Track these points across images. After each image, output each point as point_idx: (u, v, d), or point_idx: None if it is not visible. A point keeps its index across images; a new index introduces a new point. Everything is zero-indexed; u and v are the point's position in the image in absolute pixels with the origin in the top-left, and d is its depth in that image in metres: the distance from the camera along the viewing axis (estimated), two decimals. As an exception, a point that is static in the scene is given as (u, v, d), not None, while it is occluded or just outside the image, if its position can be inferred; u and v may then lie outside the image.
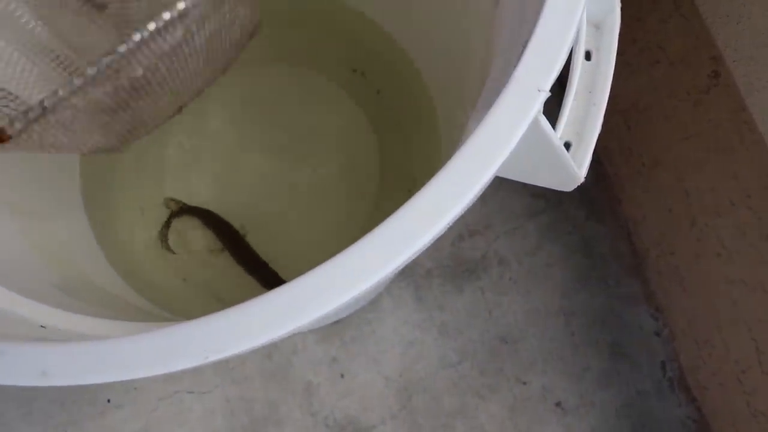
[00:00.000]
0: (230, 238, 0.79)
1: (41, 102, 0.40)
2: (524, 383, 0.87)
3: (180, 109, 0.55)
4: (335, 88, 0.86)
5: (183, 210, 0.80)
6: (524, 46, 0.32)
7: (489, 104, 0.34)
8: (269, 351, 0.86)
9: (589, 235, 0.92)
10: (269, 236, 0.81)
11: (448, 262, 0.88)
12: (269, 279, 0.76)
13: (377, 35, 0.85)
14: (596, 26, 0.46)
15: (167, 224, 0.79)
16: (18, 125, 0.40)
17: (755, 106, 0.60)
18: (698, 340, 0.80)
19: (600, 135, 0.50)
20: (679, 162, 0.75)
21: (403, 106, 0.84)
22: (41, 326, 0.41)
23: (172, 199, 0.80)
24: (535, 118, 0.31)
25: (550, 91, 0.31)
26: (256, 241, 0.79)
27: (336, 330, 0.86)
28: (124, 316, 0.63)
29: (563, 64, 0.31)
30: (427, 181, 0.73)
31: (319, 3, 0.84)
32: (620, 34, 0.65)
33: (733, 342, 0.74)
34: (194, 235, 0.81)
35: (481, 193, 0.29)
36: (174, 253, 0.79)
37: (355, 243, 0.28)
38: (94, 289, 0.66)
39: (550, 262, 0.91)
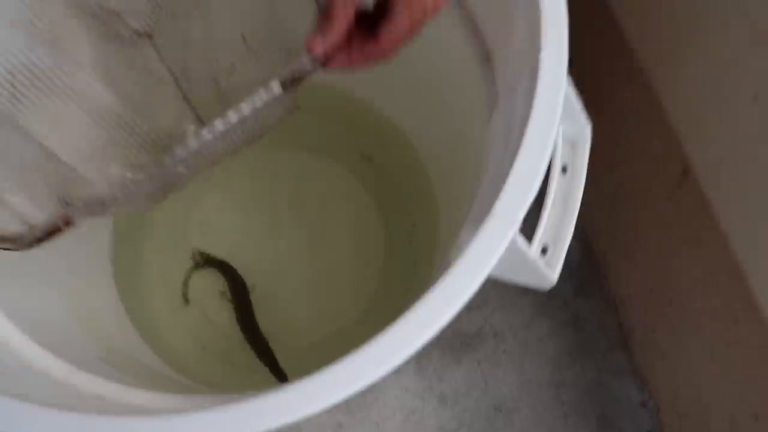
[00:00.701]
0: (242, 298, 0.88)
1: (114, 195, 0.48)
2: (518, 451, 0.92)
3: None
4: (345, 171, 0.95)
5: (207, 261, 0.89)
6: (504, 182, 0.40)
7: (478, 221, 0.42)
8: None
9: (578, 311, 0.99)
10: (278, 303, 0.90)
11: (448, 335, 0.95)
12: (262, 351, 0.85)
13: (383, 123, 0.94)
14: (572, 145, 0.54)
15: (190, 273, 0.89)
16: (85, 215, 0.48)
17: (719, 204, 0.68)
18: (679, 413, 0.87)
19: (589, 219, 0.57)
20: (657, 247, 0.83)
21: (407, 190, 0.93)
22: (97, 396, 0.48)
23: (200, 252, 0.90)
24: (512, 240, 0.39)
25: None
26: (264, 305, 0.87)
27: (341, 398, 0.92)
28: (160, 386, 0.70)
29: (532, 201, 0.39)
30: (428, 258, 0.81)
31: (328, 92, 0.94)
32: (606, 133, 0.74)
33: (710, 415, 0.80)
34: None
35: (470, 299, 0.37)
36: (188, 303, 0.89)
37: (370, 342, 0.35)
38: (129, 360, 0.73)
39: (542, 336, 0.98)
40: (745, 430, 0.75)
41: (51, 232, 0.46)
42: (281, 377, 0.82)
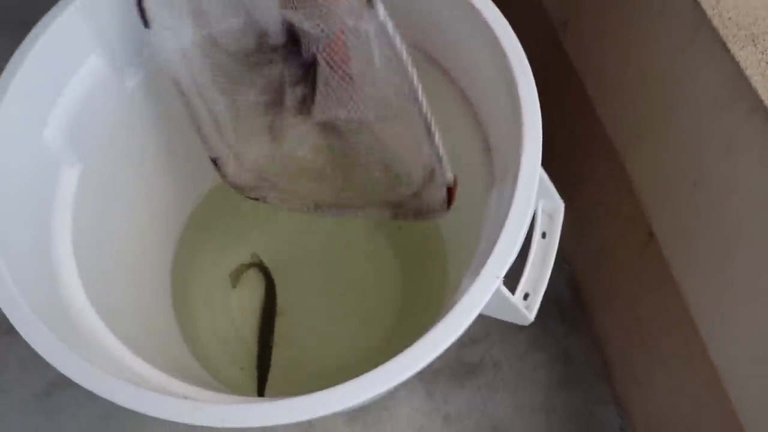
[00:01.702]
0: (269, 308, 1.06)
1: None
2: (511, 467, 1.08)
3: (313, 208, 0.85)
4: (372, 231, 1.13)
5: (258, 264, 1.09)
6: (494, 245, 0.57)
7: (476, 273, 0.58)
8: (305, 428, 1.08)
9: (568, 346, 1.15)
10: (305, 331, 1.08)
11: (453, 364, 1.12)
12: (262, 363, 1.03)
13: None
14: (550, 216, 0.71)
15: (245, 267, 1.09)
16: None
17: (674, 263, 0.84)
18: (651, 437, 1.02)
19: (579, 269, 0.73)
20: (631, 294, 0.99)
21: (420, 240, 1.10)
22: (184, 396, 0.64)
23: (256, 254, 1.10)
24: (497, 289, 0.56)
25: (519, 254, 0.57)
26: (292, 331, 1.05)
27: (361, 414, 1.08)
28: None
29: (512, 262, 0.56)
30: (438, 301, 0.98)
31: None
32: (590, 196, 0.91)
33: (675, 439, 0.96)
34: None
35: (464, 333, 0.54)
36: (234, 287, 1.08)
37: (386, 363, 0.52)
38: (189, 373, 0.90)
39: (536, 367, 1.13)
40: (702, 452, 0.90)
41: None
42: (261, 391, 1.00)
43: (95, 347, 0.64)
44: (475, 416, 1.10)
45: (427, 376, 1.11)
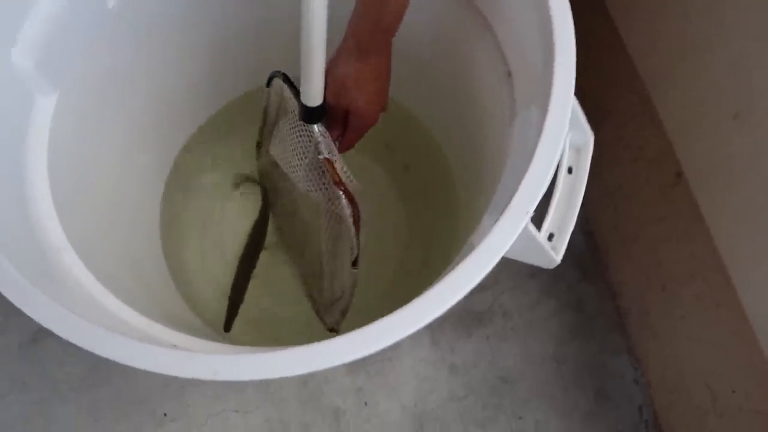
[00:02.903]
0: (257, 237, 1.01)
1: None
2: (520, 418, 1.03)
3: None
4: (369, 161, 1.05)
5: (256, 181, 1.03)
6: (521, 179, 0.50)
7: (499, 210, 0.52)
8: (305, 379, 1.04)
9: (580, 294, 1.10)
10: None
11: (460, 312, 1.06)
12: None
13: (405, 116, 1.05)
14: (577, 150, 0.64)
15: (243, 177, 1.05)
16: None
17: (705, 205, 0.78)
18: (668, 388, 0.97)
19: (593, 213, 0.67)
20: (653, 239, 0.93)
21: (428, 180, 1.03)
22: (174, 345, 0.59)
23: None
24: (525, 227, 0.50)
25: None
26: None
27: (362, 364, 1.04)
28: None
29: (543, 194, 0.50)
30: (445, 244, 0.92)
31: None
32: (609, 136, 0.84)
33: (694, 390, 0.91)
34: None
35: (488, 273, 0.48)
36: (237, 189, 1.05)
37: (407, 305, 0.46)
38: (179, 320, 0.84)
39: (547, 316, 1.08)
40: (724, 403, 0.85)
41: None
42: (227, 325, 0.95)
43: (75, 291, 0.58)
44: (482, 366, 1.05)
45: (432, 324, 1.05)
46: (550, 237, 0.61)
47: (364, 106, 0.68)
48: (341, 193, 0.70)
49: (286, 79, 0.76)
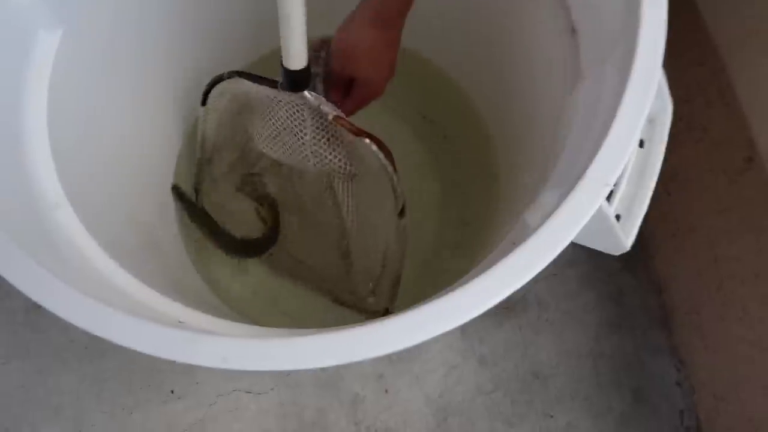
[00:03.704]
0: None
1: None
2: (551, 416, 0.95)
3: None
4: (405, 131, 0.96)
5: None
6: (597, 145, 0.42)
7: (564, 184, 0.44)
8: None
9: (622, 286, 1.01)
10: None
11: (492, 299, 0.98)
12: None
13: (445, 84, 0.96)
14: (651, 120, 0.55)
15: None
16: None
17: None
18: (716, 395, 0.88)
19: None
20: (711, 231, 0.84)
21: (468, 152, 0.94)
22: (179, 321, 0.51)
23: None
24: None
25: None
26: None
27: (385, 349, 0.96)
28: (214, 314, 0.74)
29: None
30: (482, 219, 0.83)
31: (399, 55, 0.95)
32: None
33: (749, 401, 0.82)
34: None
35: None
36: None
37: (462, 286, 0.38)
38: (186, 287, 0.77)
39: (584, 308, 0.99)
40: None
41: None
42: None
43: (70, 255, 0.51)
44: (513, 359, 0.97)
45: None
46: (617, 218, 0.52)
47: (374, 76, 0.65)
48: (367, 140, 0.62)
49: (242, 74, 0.68)
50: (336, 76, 0.66)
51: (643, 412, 0.96)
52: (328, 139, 0.66)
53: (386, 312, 0.80)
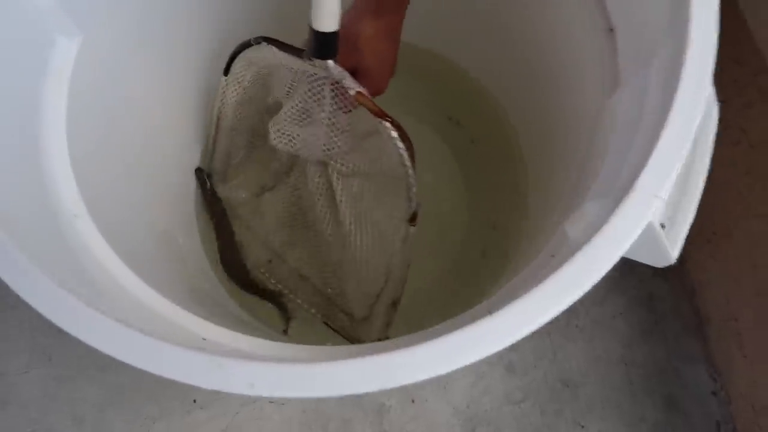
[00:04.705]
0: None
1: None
2: (582, 426, 0.92)
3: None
4: (430, 133, 0.93)
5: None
6: (645, 154, 0.39)
7: (606, 194, 0.41)
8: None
9: (653, 291, 0.97)
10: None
11: (521, 306, 0.95)
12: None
13: (470, 85, 0.93)
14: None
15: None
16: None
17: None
18: (756, 406, 0.85)
19: None
20: (749, 236, 0.80)
21: (495, 156, 0.91)
22: (203, 338, 0.49)
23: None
24: (647, 216, 0.38)
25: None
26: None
27: (410, 358, 0.93)
28: (245, 329, 0.71)
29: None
30: (510, 225, 0.80)
31: (425, 56, 0.92)
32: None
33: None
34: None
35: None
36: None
37: (505, 307, 0.35)
38: (210, 301, 0.75)
39: (615, 314, 0.96)
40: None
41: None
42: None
43: (91, 267, 0.49)
44: (543, 367, 0.94)
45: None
46: (661, 227, 0.49)
47: (375, 67, 0.62)
48: (387, 123, 0.58)
49: (269, 40, 0.65)
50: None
51: (676, 422, 0.92)
52: (345, 123, 0.63)
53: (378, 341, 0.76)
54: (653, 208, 0.37)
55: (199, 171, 0.85)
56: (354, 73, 0.60)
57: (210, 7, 0.75)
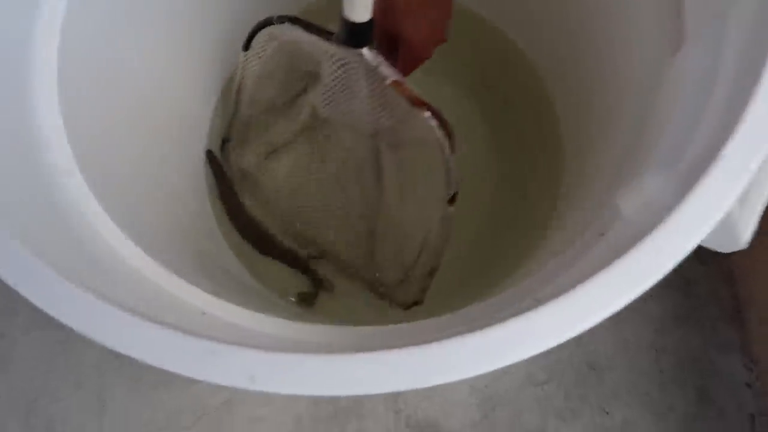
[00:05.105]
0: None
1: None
2: (607, 413, 0.86)
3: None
4: (461, 96, 0.87)
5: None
6: (729, 120, 0.32)
7: (671, 165, 0.34)
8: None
9: (689, 274, 0.91)
10: None
11: (547, 284, 0.89)
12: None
13: (505, 46, 0.86)
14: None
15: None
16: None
17: None
18: (795, 399, 0.79)
19: None
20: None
21: (529, 121, 0.85)
22: (202, 313, 0.43)
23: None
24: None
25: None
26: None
27: (427, 334, 0.88)
28: (254, 300, 0.66)
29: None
30: (543, 195, 0.74)
31: (460, 17, 0.85)
32: None
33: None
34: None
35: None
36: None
37: (563, 295, 0.29)
38: (216, 268, 0.69)
39: (647, 297, 0.89)
40: None
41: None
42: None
43: (77, 231, 0.43)
44: (568, 348, 0.88)
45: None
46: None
47: (418, 34, 0.55)
48: (427, 113, 0.53)
49: (293, 20, 0.59)
50: (379, 32, 0.56)
51: (708, 413, 0.86)
52: (382, 104, 0.58)
53: (415, 305, 0.72)
54: (743, 181, 0.30)
55: (210, 154, 0.80)
56: (396, 40, 0.55)
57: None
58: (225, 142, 0.78)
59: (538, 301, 0.30)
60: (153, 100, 0.65)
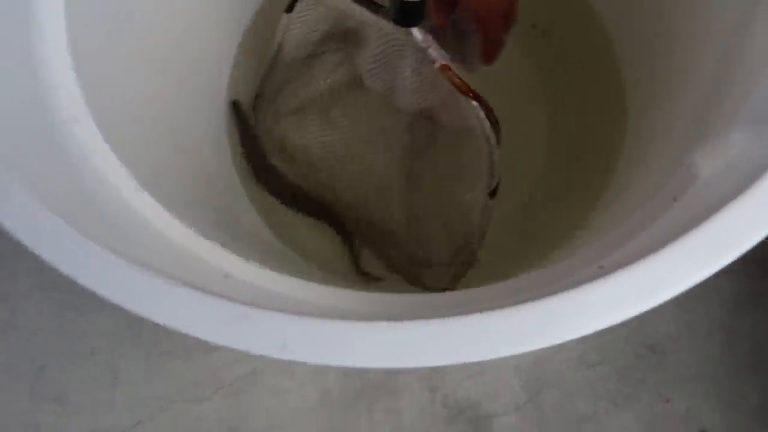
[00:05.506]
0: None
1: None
2: (667, 401, 0.86)
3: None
4: (510, 45, 0.85)
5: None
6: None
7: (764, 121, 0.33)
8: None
9: (766, 249, 0.89)
10: None
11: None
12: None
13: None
14: None
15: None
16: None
17: None
18: None
19: None
20: None
21: (587, 70, 0.83)
22: (225, 275, 0.43)
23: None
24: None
25: None
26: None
27: (469, 307, 0.88)
28: (278, 261, 0.66)
29: None
30: (601, 155, 0.74)
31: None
32: None
33: None
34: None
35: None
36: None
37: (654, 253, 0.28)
38: (239, 227, 0.70)
39: (719, 272, 0.88)
40: None
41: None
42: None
43: (88, 182, 0.43)
44: (626, 326, 0.88)
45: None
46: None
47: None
48: (474, 102, 0.55)
49: None
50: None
51: (785, 404, 0.86)
52: (428, 87, 0.61)
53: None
54: None
55: (235, 104, 0.81)
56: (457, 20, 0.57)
57: None
58: (257, 97, 0.80)
59: (603, 270, 0.29)
60: (168, 48, 0.65)
